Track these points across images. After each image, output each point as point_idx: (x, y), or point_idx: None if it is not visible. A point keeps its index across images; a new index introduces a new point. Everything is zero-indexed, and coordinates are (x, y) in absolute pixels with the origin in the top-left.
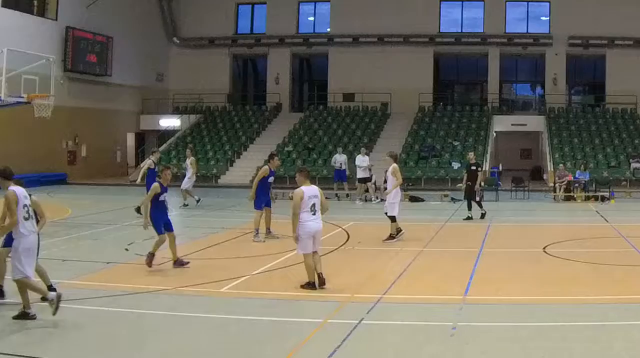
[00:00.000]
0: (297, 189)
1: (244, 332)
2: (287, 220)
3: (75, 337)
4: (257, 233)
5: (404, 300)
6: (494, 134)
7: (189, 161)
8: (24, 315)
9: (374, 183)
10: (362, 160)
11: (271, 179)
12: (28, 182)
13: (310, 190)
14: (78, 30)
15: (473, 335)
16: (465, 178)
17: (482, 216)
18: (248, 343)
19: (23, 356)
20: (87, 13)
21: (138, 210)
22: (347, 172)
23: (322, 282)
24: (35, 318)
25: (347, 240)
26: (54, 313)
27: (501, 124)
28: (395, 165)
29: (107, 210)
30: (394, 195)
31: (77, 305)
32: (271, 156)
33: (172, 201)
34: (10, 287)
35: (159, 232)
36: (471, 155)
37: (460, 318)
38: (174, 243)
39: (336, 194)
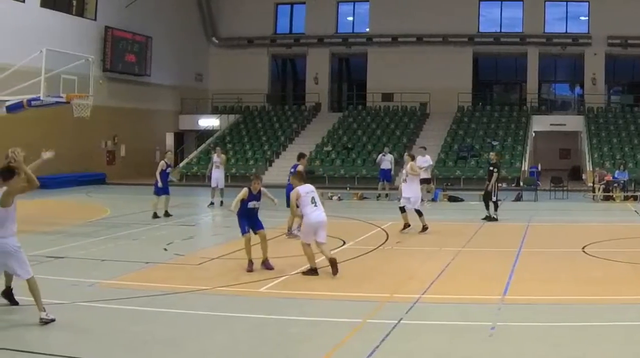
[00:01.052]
0: (294, 190)
1: (282, 332)
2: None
3: (114, 336)
4: (296, 229)
5: (443, 300)
6: (533, 134)
7: (222, 158)
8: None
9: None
10: (422, 160)
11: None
12: (67, 182)
13: (305, 188)
14: (117, 30)
15: (512, 335)
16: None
17: (487, 218)
18: (286, 343)
19: (62, 356)
20: (126, 13)
21: (155, 216)
22: (392, 173)
23: (333, 264)
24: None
25: (386, 240)
26: None
27: (540, 123)
28: (412, 163)
29: (145, 210)
30: (416, 190)
31: (115, 305)
32: (301, 156)
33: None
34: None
35: (242, 232)
36: (492, 155)
37: (499, 318)
38: (265, 242)
39: (379, 194)
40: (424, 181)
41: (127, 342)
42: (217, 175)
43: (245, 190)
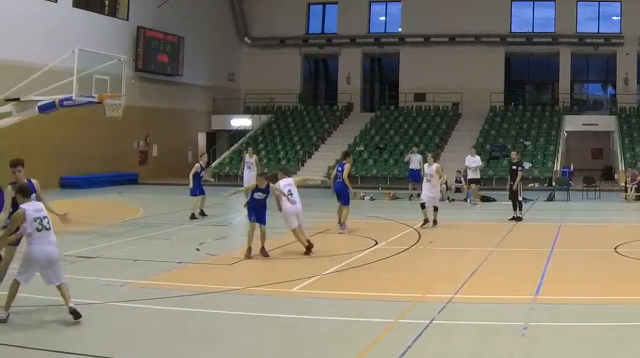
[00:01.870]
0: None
1: (314, 332)
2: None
3: (146, 336)
4: (343, 226)
5: (475, 300)
6: (565, 134)
7: (255, 158)
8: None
9: (446, 183)
10: (472, 160)
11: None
12: (99, 182)
13: (284, 181)
14: (149, 30)
15: (544, 335)
16: (509, 178)
17: (514, 218)
18: (318, 343)
19: (94, 356)
20: (158, 13)
21: (192, 217)
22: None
23: (310, 246)
24: None
25: (418, 239)
26: None
27: (572, 123)
28: (439, 165)
29: (177, 210)
30: (438, 189)
31: (148, 305)
32: (347, 154)
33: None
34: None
35: (249, 220)
36: (514, 154)
37: (531, 318)
38: (264, 236)
39: (411, 194)
40: (473, 181)
41: (159, 342)
42: (249, 176)
43: (253, 184)
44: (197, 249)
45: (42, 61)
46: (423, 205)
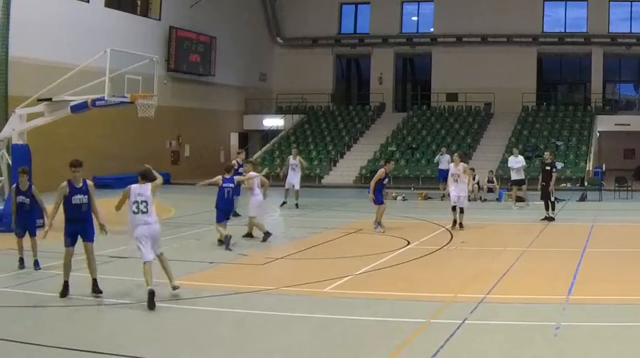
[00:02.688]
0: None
1: (346, 332)
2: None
3: (178, 336)
4: (377, 226)
5: (508, 300)
6: (597, 134)
7: (299, 159)
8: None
9: (478, 183)
10: (515, 161)
11: (386, 181)
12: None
13: (253, 174)
14: (181, 30)
15: (576, 335)
16: (540, 178)
17: (547, 218)
18: (350, 343)
19: (127, 356)
20: (191, 13)
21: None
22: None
23: (266, 234)
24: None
25: (451, 239)
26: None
27: (604, 123)
28: (465, 165)
29: (210, 210)
30: (466, 189)
31: (180, 305)
32: (387, 160)
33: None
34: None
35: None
36: (547, 154)
37: (564, 318)
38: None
39: (443, 195)
40: (516, 182)
41: (191, 342)
42: (292, 178)
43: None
44: (230, 249)
45: (74, 61)
46: (454, 208)
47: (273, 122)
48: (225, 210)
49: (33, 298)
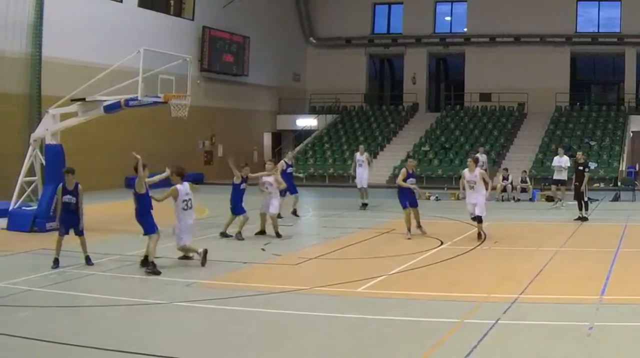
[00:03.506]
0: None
1: (379, 332)
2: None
3: (211, 336)
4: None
5: (541, 300)
6: (631, 134)
7: (366, 156)
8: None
9: (511, 183)
10: (559, 160)
11: (411, 180)
12: (164, 183)
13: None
14: (214, 30)
15: (610, 335)
16: (574, 178)
17: (580, 218)
18: (384, 343)
19: (159, 356)
20: (224, 13)
21: (295, 213)
22: (488, 173)
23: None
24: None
25: (484, 240)
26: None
27: (638, 123)
28: (482, 171)
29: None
30: (484, 196)
31: (214, 305)
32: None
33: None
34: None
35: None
36: (579, 154)
37: (597, 318)
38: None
39: None
40: (558, 182)
41: (225, 342)
42: (361, 174)
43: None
44: (263, 249)
45: (107, 61)
46: (474, 218)
47: (306, 122)
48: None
49: (66, 298)
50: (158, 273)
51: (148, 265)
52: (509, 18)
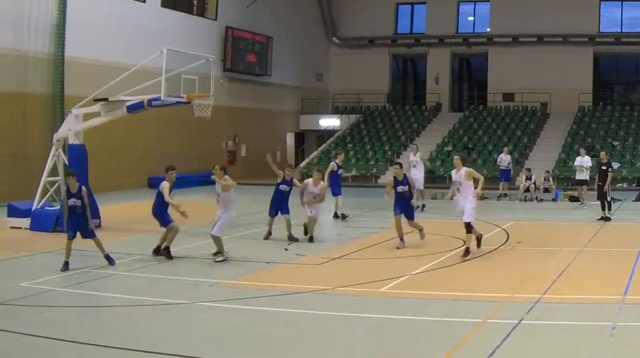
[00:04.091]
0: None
1: (402, 332)
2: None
3: (235, 336)
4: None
5: (564, 300)
6: None
7: (419, 156)
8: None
9: (534, 183)
10: (581, 160)
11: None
12: (188, 182)
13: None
14: (237, 30)
15: (632, 335)
16: (597, 178)
17: (603, 218)
18: (406, 343)
19: (183, 356)
20: (247, 13)
21: (342, 216)
22: (512, 173)
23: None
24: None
25: (507, 240)
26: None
27: None
28: (470, 169)
29: (266, 211)
30: (474, 199)
31: (236, 305)
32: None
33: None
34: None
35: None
36: (602, 154)
37: (620, 318)
38: (288, 224)
39: (500, 194)
40: (580, 182)
41: (248, 342)
42: (414, 176)
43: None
44: (286, 249)
45: (130, 61)
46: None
47: (329, 122)
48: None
49: (89, 298)
50: (171, 258)
51: (160, 253)
52: (532, 18)
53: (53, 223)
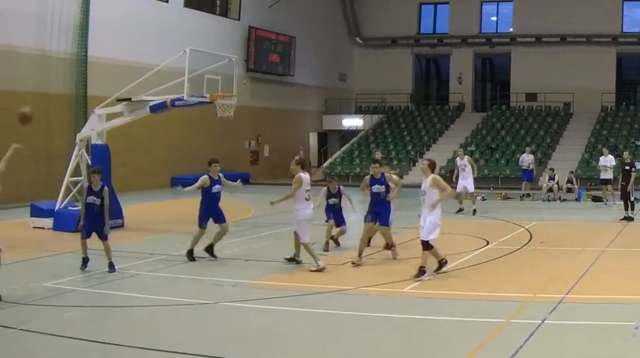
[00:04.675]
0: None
1: (425, 332)
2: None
3: (257, 337)
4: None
5: (587, 300)
6: None
7: (467, 159)
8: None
9: (557, 183)
10: (604, 160)
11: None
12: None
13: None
14: (260, 30)
15: None
16: (620, 178)
17: (626, 218)
18: (430, 343)
19: (206, 356)
20: (270, 13)
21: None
22: (534, 173)
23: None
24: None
25: (530, 240)
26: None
27: None
28: (436, 176)
29: (288, 210)
30: (437, 213)
31: (260, 305)
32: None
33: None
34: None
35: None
36: (626, 154)
37: None
38: (337, 230)
39: (523, 194)
40: (604, 182)
41: (271, 342)
42: (464, 179)
43: (324, 189)
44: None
45: (153, 61)
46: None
47: (352, 122)
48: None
49: (112, 298)
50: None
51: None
52: (555, 18)
53: (76, 223)
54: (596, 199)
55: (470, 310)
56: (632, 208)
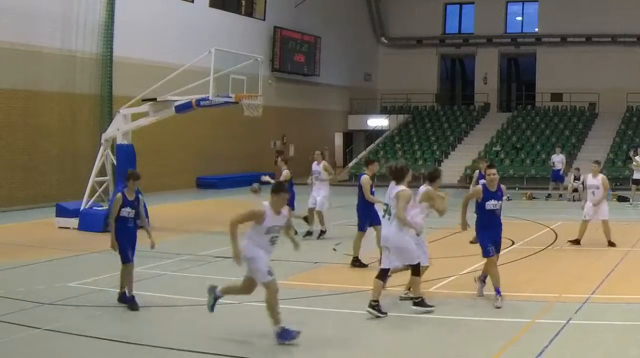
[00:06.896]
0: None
1: (451, 332)
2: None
3: None
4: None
5: (612, 300)
6: None
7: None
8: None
9: (582, 183)
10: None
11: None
12: (236, 182)
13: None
14: (286, 30)
15: None
16: None
17: None
18: (455, 343)
19: (232, 356)
20: (295, 13)
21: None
22: (561, 173)
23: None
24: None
25: (555, 239)
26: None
27: None
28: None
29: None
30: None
31: (285, 305)
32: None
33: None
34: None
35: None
36: None
37: None
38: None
39: (549, 194)
40: (635, 181)
41: (297, 342)
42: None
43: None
44: (334, 249)
45: (178, 61)
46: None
47: (377, 122)
48: None
49: (138, 298)
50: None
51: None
52: (580, 18)
53: (102, 223)
54: (622, 199)
55: (496, 310)
56: None
